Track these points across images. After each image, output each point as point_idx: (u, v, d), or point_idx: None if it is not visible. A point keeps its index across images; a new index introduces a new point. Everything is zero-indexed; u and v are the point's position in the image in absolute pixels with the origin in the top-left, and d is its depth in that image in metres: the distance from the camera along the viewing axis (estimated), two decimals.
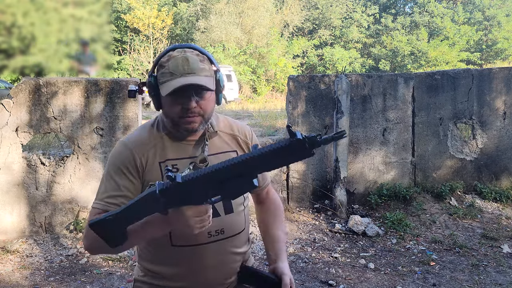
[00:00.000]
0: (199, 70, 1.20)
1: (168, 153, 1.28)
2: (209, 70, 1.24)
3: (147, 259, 1.33)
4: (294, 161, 1.05)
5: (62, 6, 7.56)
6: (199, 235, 1.24)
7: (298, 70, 26.16)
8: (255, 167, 1.05)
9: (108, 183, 1.25)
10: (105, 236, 1.11)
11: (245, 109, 14.28)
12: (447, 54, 24.28)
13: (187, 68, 1.19)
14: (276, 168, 1.08)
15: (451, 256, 3.94)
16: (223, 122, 1.40)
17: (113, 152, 1.30)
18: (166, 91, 1.19)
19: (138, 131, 1.35)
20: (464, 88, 5.17)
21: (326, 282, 3.45)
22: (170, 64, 1.20)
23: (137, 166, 1.25)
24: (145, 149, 1.27)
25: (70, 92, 4.16)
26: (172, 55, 1.22)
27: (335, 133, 1.01)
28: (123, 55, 23.77)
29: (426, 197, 5.00)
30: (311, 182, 4.93)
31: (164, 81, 1.21)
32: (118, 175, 1.25)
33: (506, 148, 5.27)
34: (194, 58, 1.21)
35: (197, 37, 24.52)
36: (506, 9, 27.98)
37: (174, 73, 1.19)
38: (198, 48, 1.26)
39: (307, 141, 0.98)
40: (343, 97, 4.66)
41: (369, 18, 30.52)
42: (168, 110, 1.24)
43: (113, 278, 3.55)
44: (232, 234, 1.32)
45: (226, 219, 1.31)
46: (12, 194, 4.07)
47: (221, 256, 1.31)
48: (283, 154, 1.01)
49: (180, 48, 1.24)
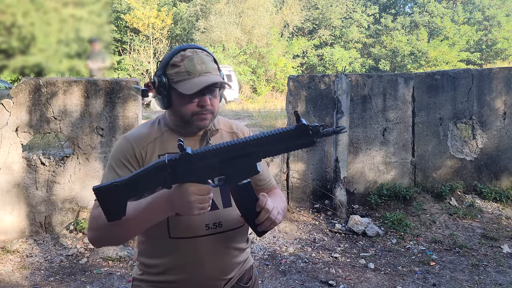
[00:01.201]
0: (213, 69, 1.28)
1: (168, 147, 1.31)
2: (217, 70, 1.32)
3: (146, 253, 1.35)
4: (297, 148, 1.09)
5: (62, 6, 7.56)
6: (197, 227, 1.27)
7: (298, 70, 26.15)
8: (261, 148, 1.09)
9: (110, 174, 1.28)
10: (107, 205, 1.10)
11: (245, 109, 14.28)
12: (447, 54, 24.26)
13: (205, 68, 1.26)
14: (280, 153, 1.12)
15: (451, 256, 3.94)
16: (223, 122, 1.45)
17: (115, 147, 1.34)
18: (190, 90, 1.22)
19: (139, 127, 1.39)
20: (464, 88, 5.17)
21: (326, 282, 3.45)
22: (186, 64, 1.25)
23: (136, 157, 1.29)
24: (145, 142, 1.31)
25: (70, 92, 4.15)
26: (185, 55, 1.26)
27: (336, 127, 1.07)
28: (123, 55, 23.77)
29: (426, 197, 5.00)
30: (311, 182, 4.93)
31: (181, 80, 1.25)
32: (119, 167, 1.28)
33: (506, 148, 5.27)
34: (207, 59, 1.28)
35: (197, 37, 24.51)
36: (506, 9, 27.96)
37: (192, 73, 1.24)
38: (204, 49, 1.32)
39: (311, 128, 1.05)
40: (343, 97, 4.66)
41: (369, 18, 30.50)
42: (182, 108, 1.27)
43: (113, 278, 3.55)
44: (230, 229, 1.33)
45: (224, 213, 1.32)
46: (12, 194, 4.07)
47: (218, 250, 1.32)
48: (288, 138, 1.07)
49: (191, 49, 1.28)
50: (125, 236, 1.25)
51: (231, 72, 18.14)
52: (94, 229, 1.23)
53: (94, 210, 1.23)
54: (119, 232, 1.20)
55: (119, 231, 1.20)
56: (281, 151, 1.11)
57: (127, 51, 23.71)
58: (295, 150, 1.11)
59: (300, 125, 1.05)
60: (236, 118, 10.39)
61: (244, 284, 1.41)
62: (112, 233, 1.21)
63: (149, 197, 1.16)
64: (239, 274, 1.40)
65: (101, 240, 1.28)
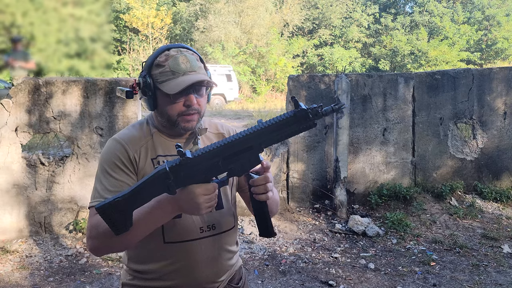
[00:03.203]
0: (198, 68, 1.25)
1: (158, 150, 1.29)
2: (203, 69, 1.29)
3: (138, 260, 1.32)
4: (299, 131, 1.08)
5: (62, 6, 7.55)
6: (192, 230, 1.26)
7: (298, 70, 26.15)
8: (262, 139, 1.08)
9: (107, 180, 1.23)
10: (112, 221, 1.08)
11: (245, 109, 14.27)
12: (447, 53, 24.26)
13: (189, 66, 1.23)
14: (282, 140, 1.11)
15: (451, 256, 3.93)
16: (208, 123, 1.42)
17: (106, 150, 1.28)
18: (174, 89, 1.19)
19: (128, 129, 1.34)
20: (464, 88, 5.16)
21: (326, 282, 3.44)
22: (170, 63, 1.22)
23: (131, 160, 1.25)
24: (137, 145, 1.27)
25: (70, 92, 4.14)
26: (169, 54, 1.24)
27: (335, 104, 1.07)
28: (122, 54, 23.75)
29: (426, 197, 4.99)
30: (311, 182, 4.92)
31: (165, 80, 1.22)
32: (115, 171, 1.23)
33: (506, 148, 5.27)
34: (192, 57, 1.25)
35: (196, 36, 24.49)
36: (505, 9, 27.95)
37: (176, 72, 1.21)
38: (190, 48, 1.29)
39: (311, 111, 1.04)
40: (343, 97, 4.65)
41: (369, 17, 30.49)
42: (168, 109, 1.24)
43: (112, 278, 3.54)
44: (223, 230, 1.34)
45: (217, 215, 1.32)
46: (12, 194, 4.06)
47: (213, 252, 1.31)
48: (289, 124, 1.06)
49: (175, 48, 1.26)
50: (129, 242, 1.20)
51: (231, 72, 18.13)
52: (95, 237, 1.19)
53: (91, 218, 1.20)
54: (122, 239, 1.15)
55: (122, 238, 1.15)
56: (283, 138, 1.10)
57: (127, 50, 23.69)
58: (297, 134, 1.10)
59: (299, 111, 1.04)
60: (236, 118, 10.39)
61: (235, 284, 1.42)
62: (114, 240, 1.16)
63: (153, 201, 1.12)
64: (230, 275, 1.41)
65: (103, 248, 1.23)
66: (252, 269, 3.69)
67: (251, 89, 22.20)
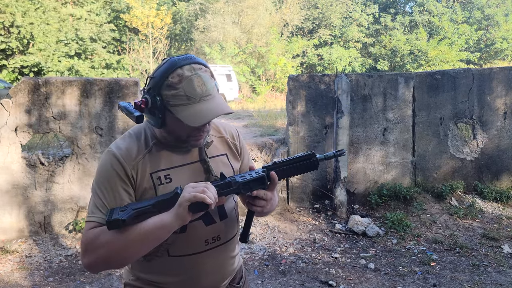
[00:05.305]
0: (213, 90, 1.18)
1: (160, 163, 1.24)
2: (216, 87, 1.21)
3: (141, 269, 1.30)
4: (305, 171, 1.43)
5: (61, 5, 7.53)
6: (197, 244, 1.27)
7: (298, 70, 26.14)
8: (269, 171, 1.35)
9: (108, 195, 1.18)
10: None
11: (245, 109, 14.25)
12: (446, 53, 24.26)
13: (205, 90, 1.16)
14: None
15: (451, 256, 3.93)
16: (211, 126, 1.38)
17: (104, 163, 1.22)
18: (194, 122, 1.14)
19: (125, 140, 1.27)
20: (464, 87, 5.16)
21: (326, 283, 3.44)
22: (185, 87, 1.14)
23: (129, 177, 1.21)
24: (134, 160, 1.22)
25: (69, 91, 4.14)
26: (183, 75, 1.14)
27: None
28: (122, 54, 23.73)
29: (426, 197, 4.99)
30: (311, 182, 4.92)
31: (179, 104, 1.15)
32: (116, 187, 1.19)
33: (506, 148, 5.26)
34: (206, 77, 1.17)
35: (196, 36, 24.49)
36: (504, 9, 27.94)
37: (192, 97, 1.14)
38: (201, 61, 1.21)
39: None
40: (343, 97, 4.64)
41: (369, 17, 30.49)
42: (178, 130, 1.21)
43: (112, 278, 3.53)
44: (228, 240, 1.34)
45: (222, 225, 1.31)
46: (11, 194, 4.06)
47: (218, 262, 1.32)
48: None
49: (187, 65, 1.16)
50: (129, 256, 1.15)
51: (231, 72, 18.12)
52: (91, 251, 1.13)
53: (87, 233, 1.15)
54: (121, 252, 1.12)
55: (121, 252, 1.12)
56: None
57: (126, 50, 23.67)
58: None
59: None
60: (236, 118, 10.37)
61: (236, 284, 1.43)
62: (113, 255, 1.12)
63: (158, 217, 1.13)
64: (231, 276, 1.42)
65: (101, 264, 1.15)
66: (252, 269, 3.69)
67: (250, 89, 22.18)
